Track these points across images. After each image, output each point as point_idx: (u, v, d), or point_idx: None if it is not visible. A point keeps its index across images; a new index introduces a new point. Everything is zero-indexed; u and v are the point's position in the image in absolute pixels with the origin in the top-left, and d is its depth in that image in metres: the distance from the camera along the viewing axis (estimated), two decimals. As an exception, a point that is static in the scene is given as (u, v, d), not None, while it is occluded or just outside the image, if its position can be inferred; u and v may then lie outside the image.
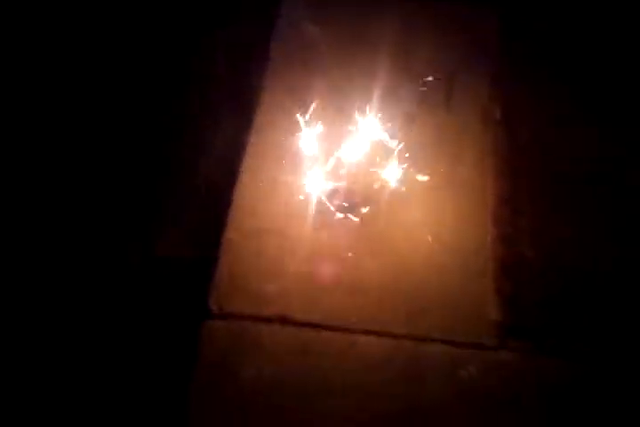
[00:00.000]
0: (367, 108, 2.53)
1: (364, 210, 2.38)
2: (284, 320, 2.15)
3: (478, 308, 2.20)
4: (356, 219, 2.36)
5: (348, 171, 2.43)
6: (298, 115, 2.54)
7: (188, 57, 2.82)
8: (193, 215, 2.41)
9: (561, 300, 2.22)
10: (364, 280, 2.25)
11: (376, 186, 2.40)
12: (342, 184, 2.40)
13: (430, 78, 2.71)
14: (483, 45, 2.86)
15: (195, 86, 2.75)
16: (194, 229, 2.38)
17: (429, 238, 2.34)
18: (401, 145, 2.46)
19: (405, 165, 2.42)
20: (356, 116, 2.50)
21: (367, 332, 2.15)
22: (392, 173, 2.40)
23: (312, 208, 2.38)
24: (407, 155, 2.45)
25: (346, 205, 2.38)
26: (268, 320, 2.15)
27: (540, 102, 2.72)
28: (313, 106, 2.57)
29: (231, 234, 2.32)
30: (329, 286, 2.24)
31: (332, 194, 2.38)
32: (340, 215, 2.37)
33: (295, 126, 2.51)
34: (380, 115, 2.51)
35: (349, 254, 2.30)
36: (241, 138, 2.57)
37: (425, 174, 2.46)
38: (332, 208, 2.37)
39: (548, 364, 2.11)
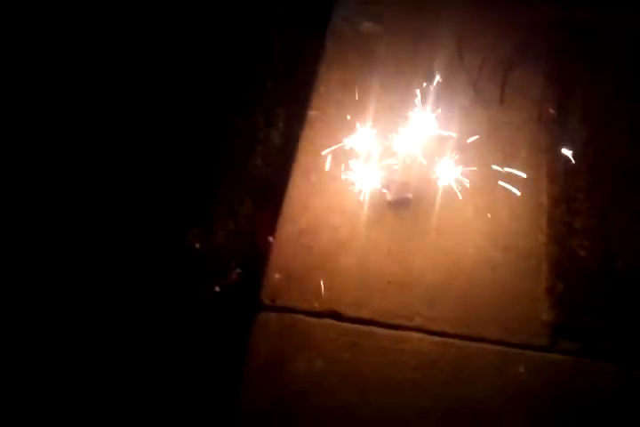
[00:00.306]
0: (422, 102, 2.54)
1: (417, 206, 2.39)
2: (335, 315, 2.19)
3: (530, 308, 2.20)
4: (408, 215, 2.37)
5: (402, 166, 2.44)
6: (351, 109, 2.57)
7: (248, 56, 2.87)
8: (248, 208, 2.44)
9: (614, 302, 2.19)
10: (416, 277, 2.26)
11: (430, 182, 2.40)
12: (395, 179, 2.41)
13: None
14: (537, 40, 2.83)
15: (252, 83, 2.80)
16: (249, 222, 2.41)
17: (482, 236, 2.34)
18: (455, 141, 2.46)
19: (460, 162, 2.42)
20: (411, 110, 2.50)
21: (418, 329, 2.17)
22: (446, 170, 2.40)
23: (364, 204, 2.39)
24: (462, 151, 2.46)
25: (399, 200, 2.39)
26: (320, 315, 2.19)
27: (595, 101, 2.67)
28: (367, 100, 2.59)
29: (284, 229, 2.35)
30: (380, 282, 2.26)
31: (385, 189, 2.39)
32: (392, 211, 2.38)
33: (349, 121, 2.53)
34: (434, 110, 2.51)
35: (401, 251, 2.31)
36: (295, 132, 2.60)
37: (479, 172, 2.45)
38: (385, 204, 2.39)
39: (598, 368, 2.10)
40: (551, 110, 2.63)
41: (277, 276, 2.25)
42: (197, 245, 2.32)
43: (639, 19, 2.91)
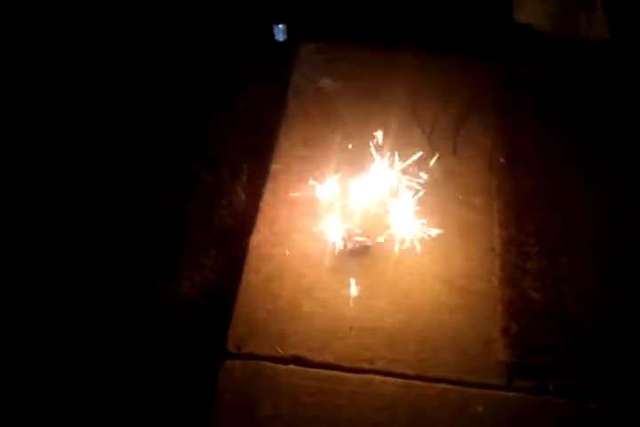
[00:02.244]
0: (379, 155, 2.67)
1: (377, 253, 2.49)
2: (299, 361, 2.25)
3: (486, 348, 2.28)
4: (368, 262, 2.47)
5: (362, 216, 2.55)
6: (313, 162, 2.69)
7: (211, 110, 2.97)
8: (212, 259, 2.51)
9: (565, 341, 2.28)
10: (377, 322, 2.34)
11: (388, 230, 2.51)
12: (356, 228, 2.51)
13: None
14: (487, 95, 3.00)
15: (215, 137, 2.89)
16: (213, 272, 2.47)
17: (439, 281, 2.44)
18: (412, 191, 2.59)
19: (416, 210, 2.54)
20: (369, 163, 2.63)
21: (379, 372, 2.23)
22: (404, 218, 2.52)
23: (327, 252, 2.48)
24: (418, 200, 2.58)
25: (359, 248, 2.49)
26: (284, 361, 2.24)
27: (541, 151, 2.83)
28: (328, 154, 2.72)
29: (248, 277, 2.43)
30: (343, 327, 2.33)
31: (347, 238, 2.49)
32: (353, 258, 2.47)
33: (310, 174, 2.65)
34: (392, 162, 2.64)
35: (363, 297, 2.39)
36: (258, 185, 2.71)
37: (435, 219, 2.57)
38: (346, 252, 2.48)
39: (554, 404, 2.17)
40: (501, 160, 2.78)
41: (242, 323, 2.32)
42: (163, 296, 2.37)
43: (581, 75, 3.10)
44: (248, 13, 3.26)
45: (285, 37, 3.22)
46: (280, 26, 3.18)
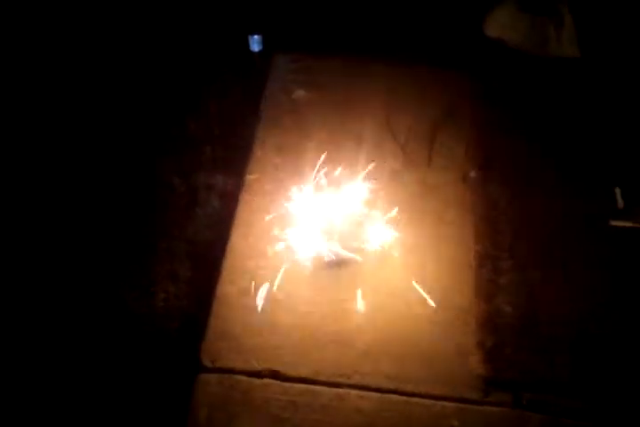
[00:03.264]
0: (354, 165, 2.67)
1: (353, 266, 2.48)
2: (274, 375, 2.22)
3: (462, 362, 2.29)
4: (344, 275, 2.46)
5: (337, 228, 2.54)
6: (288, 172, 2.68)
7: (185, 120, 2.95)
8: (187, 271, 2.47)
9: (539, 354, 2.31)
10: (353, 335, 2.33)
11: (364, 243, 2.51)
12: (332, 240, 2.50)
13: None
14: (458, 107, 3.02)
15: (189, 147, 2.86)
16: (189, 284, 2.44)
17: (415, 295, 2.44)
18: (387, 202, 2.59)
19: (392, 223, 2.54)
20: (343, 173, 2.62)
21: (355, 386, 2.22)
22: (379, 231, 2.52)
23: (303, 264, 2.47)
24: (393, 212, 2.58)
25: (335, 261, 2.48)
26: (259, 375, 2.22)
27: (515, 162, 2.87)
28: (302, 164, 2.71)
29: (223, 290, 2.40)
30: (319, 340, 2.31)
31: (322, 250, 2.47)
32: (329, 271, 2.46)
33: (285, 184, 2.63)
34: (366, 173, 2.64)
35: (338, 310, 2.38)
36: (233, 195, 2.68)
37: (411, 231, 2.57)
38: (322, 264, 2.47)
39: (527, 418, 2.18)
40: (472, 174, 2.80)
41: (217, 337, 2.28)
42: (137, 308, 2.32)
43: (552, 89, 3.16)
44: (223, 23, 3.24)
45: (261, 48, 3.21)
46: (255, 36, 3.17)
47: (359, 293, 2.41)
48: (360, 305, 2.39)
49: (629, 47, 3.29)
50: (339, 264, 2.48)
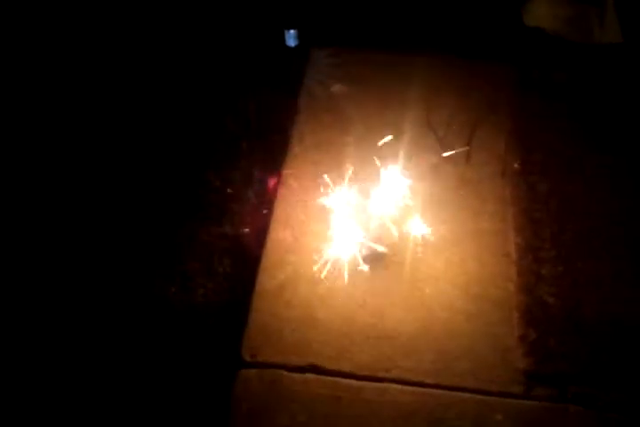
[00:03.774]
0: (392, 160, 2.66)
1: (392, 260, 2.47)
2: (315, 369, 2.22)
3: (504, 356, 2.26)
4: (383, 269, 2.45)
5: (375, 222, 2.53)
6: (325, 167, 2.68)
7: (223, 116, 2.96)
8: (226, 266, 2.49)
9: (583, 347, 2.26)
10: (393, 329, 2.32)
11: (402, 236, 2.49)
12: (370, 235, 2.49)
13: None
14: (499, 99, 2.99)
15: (228, 142, 2.88)
16: (227, 279, 2.46)
17: (455, 288, 2.42)
18: (426, 197, 2.58)
19: (430, 217, 2.53)
20: (382, 168, 2.61)
21: (396, 381, 2.21)
22: (418, 225, 2.50)
23: (341, 259, 2.46)
24: (432, 206, 2.57)
25: (373, 255, 2.47)
26: (301, 369, 2.22)
27: (556, 152, 2.81)
28: (340, 159, 2.71)
29: (263, 284, 2.41)
30: (359, 335, 2.31)
31: (361, 245, 2.47)
32: (368, 265, 2.45)
33: (322, 179, 2.63)
34: (405, 167, 2.63)
35: (378, 304, 2.37)
36: (271, 190, 2.69)
37: (449, 225, 2.55)
38: (361, 259, 2.46)
39: (572, 412, 2.14)
40: (515, 165, 2.76)
41: (257, 332, 2.30)
42: (177, 304, 2.35)
43: (593, 77, 3.09)
44: (259, 19, 3.25)
45: (297, 43, 3.21)
46: (291, 31, 3.18)
47: (397, 287, 2.40)
48: (398, 299, 2.37)
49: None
50: (377, 258, 2.47)
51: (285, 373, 2.22)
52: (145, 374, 2.24)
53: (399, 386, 2.20)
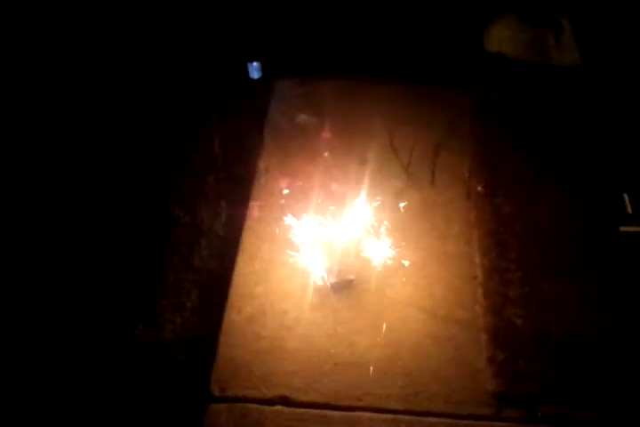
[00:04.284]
0: (358, 188, 2.69)
1: (359, 287, 2.48)
2: (285, 401, 2.22)
3: (473, 378, 2.27)
4: (351, 296, 2.46)
5: (343, 250, 2.54)
6: (292, 198, 2.71)
7: (187, 149, 2.96)
8: (194, 301, 2.49)
9: (552, 367, 2.27)
10: (362, 357, 2.32)
11: (369, 263, 2.51)
12: (337, 263, 2.51)
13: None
14: (461, 123, 3.03)
15: (192, 176, 2.88)
16: (195, 314, 2.46)
17: (423, 312, 2.43)
18: (392, 222, 2.60)
19: (397, 242, 2.55)
20: (348, 196, 2.64)
21: (367, 409, 2.21)
22: (384, 251, 2.52)
23: (309, 288, 2.48)
24: (398, 231, 2.59)
25: (341, 283, 2.48)
26: (270, 402, 2.22)
27: (519, 174, 2.84)
28: (306, 189, 2.74)
29: (230, 318, 2.42)
30: (328, 364, 2.31)
31: (327, 273, 2.48)
32: (335, 293, 2.46)
33: (290, 209, 2.65)
34: (371, 194, 2.66)
35: (346, 332, 2.38)
36: (238, 222, 2.70)
37: (415, 250, 2.57)
38: (329, 287, 2.47)
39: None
40: (479, 188, 2.79)
41: (226, 365, 2.29)
42: (145, 340, 2.34)
43: (553, 99, 3.14)
44: (222, 52, 3.29)
45: (260, 75, 3.24)
46: (254, 63, 3.21)
47: (365, 313, 2.41)
48: (366, 326, 2.38)
49: (629, 51, 3.26)
50: (345, 285, 2.48)
51: (255, 406, 2.21)
52: (114, 411, 2.21)
53: (370, 414, 2.20)
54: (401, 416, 2.19)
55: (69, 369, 2.27)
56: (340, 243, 2.56)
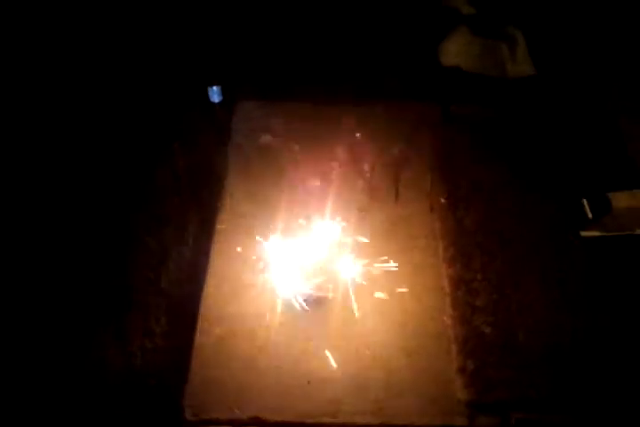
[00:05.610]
0: (323, 207, 2.71)
1: (327, 305, 2.49)
2: (259, 422, 2.22)
3: (445, 389, 2.29)
4: (320, 314, 2.47)
5: (311, 268, 2.55)
6: (258, 219, 2.72)
7: (151, 173, 2.97)
8: (163, 325, 2.47)
9: (522, 373, 2.29)
10: (335, 373, 2.33)
11: (336, 281, 2.52)
12: (306, 281, 2.52)
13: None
14: (422, 138, 3.08)
15: (158, 199, 2.88)
16: (165, 339, 2.44)
17: (394, 325, 2.45)
18: (359, 239, 2.63)
19: (365, 258, 2.57)
20: (314, 216, 2.66)
21: (342, 425, 2.22)
22: (353, 267, 2.55)
23: (278, 306, 2.48)
24: (366, 248, 2.61)
25: (311, 300, 2.49)
26: (244, 424, 2.22)
27: (480, 185, 2.89)
28: (273, 210, 2.75)
29: (200, 341, 2.41)
30: (301, 381, 2.31)
31: (296, 291, 2.49)
32: (305, 311, 2.47)
33: (256, 230, 2.67)
34: (336, 212, 2.68)
35: (319, 348, 2.39)
36: (205, 245, 2.71)
37: (382, 263, 2.60)
38: (298, 305, 2.48)
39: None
40: (442, 200, 2.83)
41: (198, 389, 2.28)
42: (115, 367, 2.32)
43: (510, 109, 3.20)
44: (181, 77, 3.32)
45: (221, 98, 3.27)
46: (214, 88, 3.24)
47: (336, 329, 2.42)
48: (338, 342, 2.39)
49: (582, 60, 3.35)
50: (316, 303, 2.49)
51: (229, 428, 2.20)
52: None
53: (345, 430, 2.20)
54: (377, 431, 2.20)
55: (37, 394, 2.25)
56: (307, 261, 2.57)
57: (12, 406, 2.24)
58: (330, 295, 2.51)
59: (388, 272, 2.59)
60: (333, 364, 2.35)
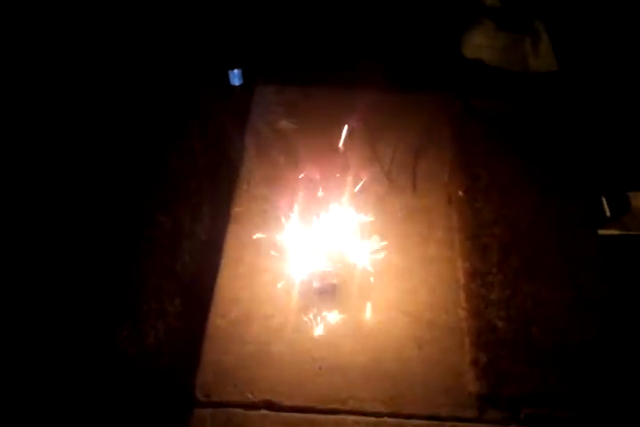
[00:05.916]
0: (340, 193, 2.70)
1: (342, 291, 2.49)
2: (270, 405, 2.22)
3: (457, 381, 2.29)
4: (334, 300, 2.47)
5: (326, 255, 2.56)
6: (274, 203, 2.72)
7: (169, 154, 2.96)
8: (177, 306, 2.47)
9: (534, 368, 2.29)
10: (346, 361, 2.33)
11: (352, 268, 2.52)
12: (320, 267, 2.52)
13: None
14: (441, 129, 3.07)
15: (174, 180, 2.87)
16: (179, 319, 2.44)
17: (406, 316, 2.44)
18: (374, 228, 2.62)
19: (379, 247, 2.56)
20: (330, 202, 2.65)
21: (352, 412, 2.22)
22: (367, 255, 2.54)
23: (293, 292, 2.48)
24: (381, 237, 2.61)
25: (324, 287, 2.49)
26: (255, 406, 2.22)
27: (499, 178, 2.88)
28: (289, 194, 2.74)
29: (214, 323, 2.41)
30: (312, 368, 2.31)
31: (312, 277, 2.49)
32: (319, 297, 2.47)
33: (272, 214, 2.66)
34: (353, 200, 2.68)
35: (330, 336, 2.38)
36: (220, 227, 2.70)
37: (398, 254, 2.59)
38: (313, 291, 2.48)
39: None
40: (460, 193, 2.82)
41: (210, 370, 2.29)
42: (128, 347, 2.32)
43: (531, 103, 3.19)
44: (203, 59, 3.30)
45: (241, 82, 3.26)
46: (235, 71, 3.23)
47: (349, 317, 2.42)
48: (351, 330, 2.39)
49: (605, 57, 3.32)
50: (329, 290, 2.49)
51: (240, 411, 2.21)
52: (98, 417, 2.19)
53: (355, 417, 2.21)
54: (385, 419, 2.21)
55: (52, 375, 2.25)
56: (323, 248, 2.56)
57: (27, 382, 2.24)
58: (344, 282, 2.50)
59: (403, 263, 2.58)
60: (345, 352, 2.35)
